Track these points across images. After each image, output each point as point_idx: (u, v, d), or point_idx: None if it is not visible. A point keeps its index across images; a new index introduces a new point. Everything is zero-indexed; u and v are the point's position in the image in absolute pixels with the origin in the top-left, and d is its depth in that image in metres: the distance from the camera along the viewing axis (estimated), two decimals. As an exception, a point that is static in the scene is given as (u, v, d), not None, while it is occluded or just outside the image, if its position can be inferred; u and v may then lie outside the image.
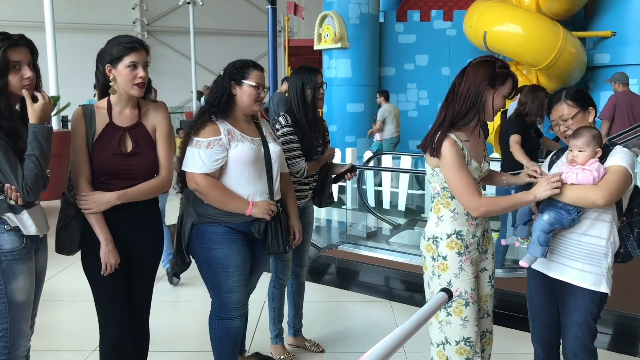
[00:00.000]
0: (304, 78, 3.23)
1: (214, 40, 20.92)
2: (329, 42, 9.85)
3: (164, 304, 4.36)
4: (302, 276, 3.58)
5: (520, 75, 9.17)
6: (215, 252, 2.71)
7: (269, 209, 2.71)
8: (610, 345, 3.77)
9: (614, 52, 8.85)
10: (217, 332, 2.85)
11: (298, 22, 20.51)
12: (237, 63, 2.73)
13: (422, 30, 10.40)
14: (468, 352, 2.40)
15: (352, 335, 3.87)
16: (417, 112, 10.51)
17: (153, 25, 21.77)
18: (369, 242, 5.52)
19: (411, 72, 10.54)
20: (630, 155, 2.36)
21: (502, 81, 2.30)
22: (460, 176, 2.28)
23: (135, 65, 2.38)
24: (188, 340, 3.80)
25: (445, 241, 2.39)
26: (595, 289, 2.37)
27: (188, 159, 2.64)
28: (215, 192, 2.64)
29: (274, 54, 8.58)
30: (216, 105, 2.68)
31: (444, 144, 2.28)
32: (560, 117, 2.46)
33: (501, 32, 8.69)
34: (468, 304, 2.39)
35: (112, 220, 2.44)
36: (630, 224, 2.44)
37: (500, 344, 3.64)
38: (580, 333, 2.43)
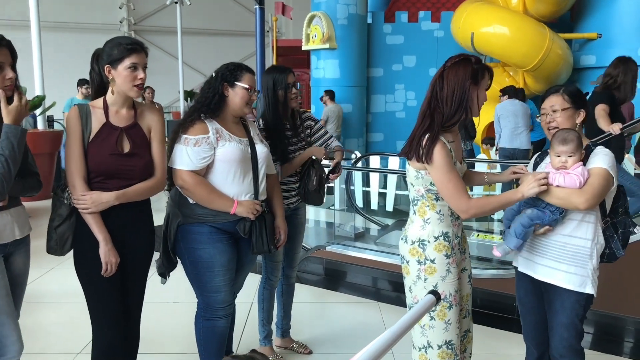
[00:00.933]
0: (275, 78, 3.20)
1: (201, 40, 20.84)
2: (317, 42, 9.85)
3: (150, 306, 4.29)
4: (292, 277, 3.57)
5: (507, 77, 9.24)
6: (201, 252, 2.72)
7: (253, 208, 2.72)
8: (593, 344, 3.80)
9: (600, 54, 8.92)
10: (203, 332, 2.85)
11: (286, 22, 20.51)
12: (230, 65, 2.77)
13: (410, 31, 10.43)
14: (450, 355, 2.40)
15: (340, 336, 3.86)
16: (404, 112, 10.53)
17: (140, 24, 21.65)
18: (357, 242, 5.52)
19: (399, 72, 10.56)
20: (611, 156, 2.38)
21: (482, 75, 2.33)
22: (450, 177, 2.28)
23: (135, 66, 2.40)
24: (175, 342, 3.77)
25: (433, 244, 2.37)
26: (581, 290, 2.39)
27: (175, 155, 2.66)
28: (200, 189, 2.66)
29: (261, 54, 8.54)
30: (207, 105, 2.71)
31: (436, 148, 2.27)
32: (551, 107, 2.48)
33: (488, 33, 8.74)
34: (452, 306, 2.39)
35: (107, 220, 2.43)
36: (615, 224, 2.45)
37: (490, 344, 3.67)
38: (566, 334, 2.45)
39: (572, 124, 2.47)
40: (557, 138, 2.38)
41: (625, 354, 3.69)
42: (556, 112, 2.46)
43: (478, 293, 4.31)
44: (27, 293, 2.55)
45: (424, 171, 2.34)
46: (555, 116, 2.46)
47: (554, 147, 2.39)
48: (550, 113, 2.48)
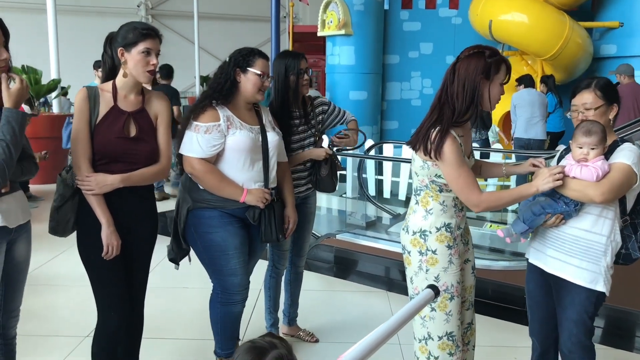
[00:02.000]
0: (288, 63, 3.14)
1: (218, 25, 20.77)
2: (333, 28, 9.76)
3: (160, 291, 4.34)
4: (300, 266, 3.55)
5: (526, 65, 9.10)
6: (213, 235, 2.74)
7: (262, 197, 2.73)
8: (603, 339, 3.75)
9: (621, 43, 8.74)
10: (220, 317, 2.88)
11: (303, 8, 20.35)
12: (243, 50, 2.76)
13: (427, 18, 10.29)
14: (450, 346, 2.39)
15: (347, 325, 3.85)
16: (420, 100, 10.43)
17: (157, 8, 21.62)
18: (368, 231, 5.50)
19: (415, 60, 10.45)
20: (638, 152, 2.30)
21: (496, 70, 2.26)
22: (460, 173, 2.24)
23: (149, 52, 2.41)
24: (183, 327, 3.79)
25: (434, 235, 2.35)
26: (592, 287, 2.33)
27: (186, 142, 2.68)
28: (210, 177, 2.67)
29: (276, 40, 8.46)
30: (219, 91, 2.71)
31: (446, 143, 2.22)
32: (584, 104, 2.38)
33: (507, 21, 8.60)
34: (453, 297, 2.37)
35: (110, 203, 2.43)
36: (635, 225, 2.38)
37: (496, 336, 3.63)
38: (575, 330, 2.41)
39: (606, 120, 2.38)
40: (581, 129, 2.31)
41: (636, 349, 3.64)
42: (589, 110, 2.36)
43: (488, 284, 4.28)
44: (37, 276, 2.57)
45: (430, 162, 2.31)
46: (587, 114, 2.36)
47: (577, 138, 2.31)
48: (582, 111, 2.38)
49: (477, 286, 2.60)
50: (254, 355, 1.26)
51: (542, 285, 2.55)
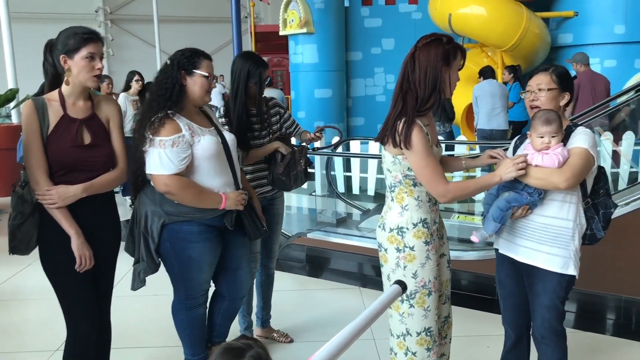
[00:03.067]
0: (251, 71, 3.08)
1: (179, 27, 20.57)
2: (295, 27, 9.74)
3: (130, 299, 4.26)
4: (271, 268, 3.54)
5: (486, 57, 9.23)
6: (191, 251, 2.65)
7: (241, 199, 2.69)
8: (576, 323, 3.83)
9: (577, 32, 8.94)
10: (187, 323, 2.85)
11: (264, 7, 20.30)
12: (186, 52, 2.63)
13: (387, 14, 10.35)
14: (428, 342, 2.40)
15: (321, 323, 3.85)
16: (385, 96, 10.49)
17: (116, 13, 21.33)
18: (339, 228, 5.50)
19: (378, 56, 10.50)
20: (592, 135, 2.36)
21: (454, 55, 2.29)
22: (428, 162, 2.25)
23: (92, 56, 2.35)
24: (153, 335, 3.74)
25: (412, 231, 2.35)
26: (563, 271, 2.38)
27: (152, 160, 2.50)
28: (188, 191, 2.55)
29: (238, 41, 8.43)
30: (168, 98, 2.55)
31: (413, 132, 2.23)
32: (538, 85, 2.42)
33: (466, 14, 8.71)
34: (431, 293, 2.38)
35: (74, 213, 2.39)
36: (596, 205, 2.43)
37: (470, 326, 3.67)
38: (547, 315, 2.45)
39: (556, 105, 2.43)
40: (539, 118, 2.34)
41: (607, 331, 3.73)
42: (542, 90, 2.41)
43: (460, 275, 4.33)
44: (2, 290, 2.50)
45: (401, 156, 2.31)
46: (540, 95, 2.41)
47: (536, 128, 2.34)
48: (535, 91, 2.43)
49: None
50: (231, 356, 1.25)
51: (513, 275, 2.59)
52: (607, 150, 6.73)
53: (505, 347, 2.76)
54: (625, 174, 6.53)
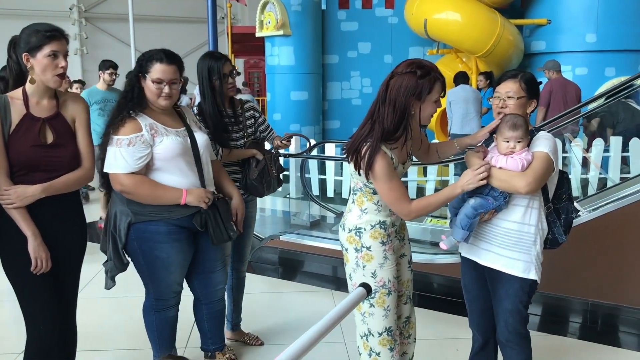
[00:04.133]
0: (210, 66, 3.06)
1: (154, 27, 20.34)
2: (271, 29, 9.72)
3: (98, 301, 4.22)
4: (242, 271, 3.52)
5: (460, 62, 9.32)
6: (158, 252, 2.63)
7: (204, 196, 2.64)
8: (541, 326, 3.88)
9: (550, 40, 9.07)
10: (157, 324, 2.83)
11: (242, 8, 20.22)
12: (145, 54, 2.61)
13: (364, 18, 10.39)
14: (390, 342, 2.43)
15: (292, 326, 3.84)
16: (360, 100, 10.52)
17: (91, 11, 21.02)
18: (313, 231, 5.49)
19: (354, 59, 10.52)
20: (553, 140, 2.40)
21: (429, 89, 2.26)
22: (391, 186, 2.29)
23: (56, 54, 2.30)
24: (122, 337, 3.70)
25: (368, 232, 2.39)
26: (525, 276, 2.41)
27: (110, 159, 2.52)
28: (143, 188, 2.54)
29: (214, 42, 8.39)
30: (130, 99, 2.57)
31: (376, 160, 2.25)
32: (506, 92, 2.44)
33: (441, 20, 8.78)
34: (390, 292, 2.42)
35: (35, 214, 2.33)
36: (558, 210, 2.47)
37: (440, 329, 3.70)
38: (511, 319, 2.48)
39: (524, 112, 2.46)
40: (506, 123, 2.36)
41: (571, 334, 3.78)
42: (510, 98, 2.43)
43: (431, 278, 4.35)
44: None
45: (362, 170, 2.32)
46: (508, 102, 2.44)
47: (503, 132, 2.36)
48: (504, 98, 2.45)
49: (420, 280, 2.64)
50: None
51: (477, 278, 2.62)
52: (577, 157, 6.85)
53: (473, 350, 2.79)
54: (595, 180, 6.65)
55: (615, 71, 8.54)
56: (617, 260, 3.74)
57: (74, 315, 2.65)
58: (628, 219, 3.69)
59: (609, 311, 3.82)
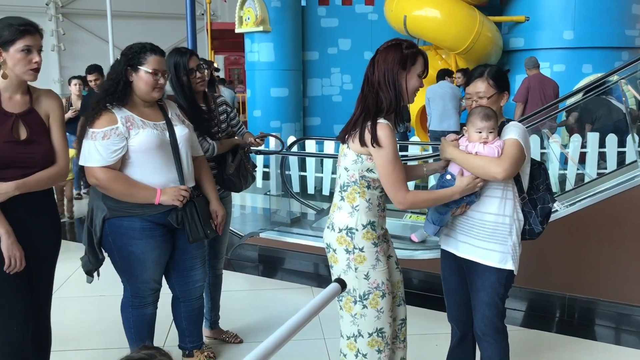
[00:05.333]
0: (176, 62, 3.04)
1: (133, 23, 20.13)
2: (251, 25, 9.67)
3: (75, 300, 4.17)
4: (219, 268, 3.49)
5: (440, 59, 9.34)
6: (132, 247, 2.61)
7: (179, 194, 2.60)
8: (522, 321, 3.91)
9: (528, 37, 9.14)
10: (134, 321, 2.80)
11: (221, 5, 20.11)
12: (133, 47, 2.59)
13: (344, 14, 10.38)
14: (379, 343, 2.38)
15: (272, 323, 3.81)
16: (341, 96, 10.51)
17: (68, 7, 20.72)
18: (293, 228, 5.47)
19: (334, 56, 10.51)
20: (523, 129, 2.42)
21: (413, 61, 2.29)
22: (395, 167, 2.24)
23: (29, 49, 2.25)
24: (98, 336, 3.64)
25: (361, 232, 2.33)
26: (501, 266, 2.42)
27: (84, 152, 2.51)
28: (117, 184, 2.52)
29: (193, 38, 8.29)
30: (112, 94, 2.54)
31: (384, 131, 2.21)
32: (477, 93, 2.45)
33: (420, 16, 8.80)
34: (385, 295, 2.37)
35: (8, 212, 2.28)
36: (534, 200, 2.49)
37: (419, 325, 3.70)
38: (488, 312, 2.48)
39: (498, 107, 2.47)
40: (477, 114, 2.37)
41: (549, 328, 3.81)
42: (482, 99, 2.44)
43: (411, 274, 4.36)
44: None
45: (365, 155, 2.29)
46: (481, 102, 2.44)
47: (475, 124, 2.37)
48: (476, 99, 2.46)
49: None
50: None
51: (456, 271, 2.62)
52: (556, 153, 6.91)
53: (452, 343, 2.80)
54: (572, 175, 6.72)
55: (592, 68, 8.65)
56: (594, 254, 3.78)
57: (48, 315, 2.60)
58: (604, 214, 3.73)
59: (586, 305, 3.86)
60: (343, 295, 2.40)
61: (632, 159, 4.80)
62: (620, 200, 3.67)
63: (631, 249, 3.67)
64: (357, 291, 2.35)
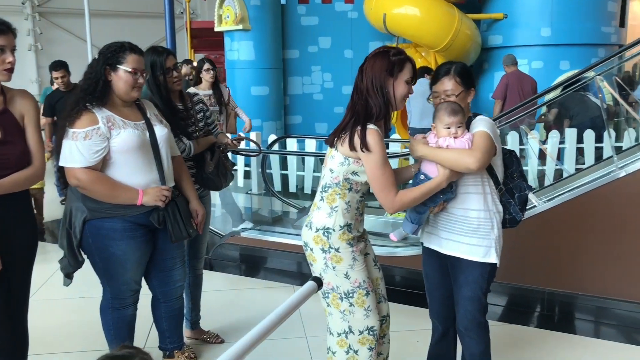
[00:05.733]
0: (153, 62, 3.02)
1: (111, 22, 19.90)
2: (230, 23, 9.61)
3: (54, 303, 4.12)
4: (199, 268, 3.47)
5: (419, 57, 9.37)
6: (113, 249, 2.58)
7: (161, 195, 2.59)
8: (502, 316, 3.94)
9: (506, 34, 9.21)
10: (114, 323, 2.77)
11: (201, 3, 19.98)
12: (112, 46, 2.56)
13: (324, 13, 10.36)
14: (371, 341, 2.41)
15: (253, 322, 3.72)
16: (322, 95, 10.49)
17: (45, 6, 20.45)
18: (275, 227, 5.46)
19: (315, 54, 10.49)
20: (491, 122, 2.45)
21: (400, 67, 2.32)
22: (384, 171, 2.26)
23: (2, 49, 2.23)
24: (77, 339, 3.60)
25: (337, 233, 2.35)
26: (485, 260, 2.45)
27: (65, 153, 2.47)
28: (99, 185, 2.49)
29: (172, 37, 8.27)
30: (91, 93, 2.51)
31: (373, 137, 2.23)
32: (445, 91, 2.46)
33: (400, 14, 8.82)
34: (368, 292, 2.39)
35: None
36: (511, 190, 2.52)
37: (401, 321, 3.71)
38: (470, 307, 2.51)
39: (465, 104, 2.50)
40: (445, 110, 2.38)
41: (528, 323, 3.85)
42: (450, 97, 2.45)
43: (393, 271, 4.38)
44: None
45: (352, 158, 2.30)
46: (449, 100, 2.45)
47: (443, 119, 2.38)
48: (444, 98, 2.47)
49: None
50: None
51: (439, 267, 2.64)
52: (534, 149, 6.98)
53: (433, 339, 2.81)
54: (551, 171, 6.79)
55: (570, 64, 8.73)
56: (572, 249, 3.83)
57: (24, 318, 2.57)
58: (582, 209, 3.78)
59: (564, 299, 3.91)
60: (329, 292, 2.42)
61: (609, 154, 4.87)
62: (598, 195, 3.72)
63: (609, 243, 3.73)
64: (340, 288, 2.38)
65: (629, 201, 3.66)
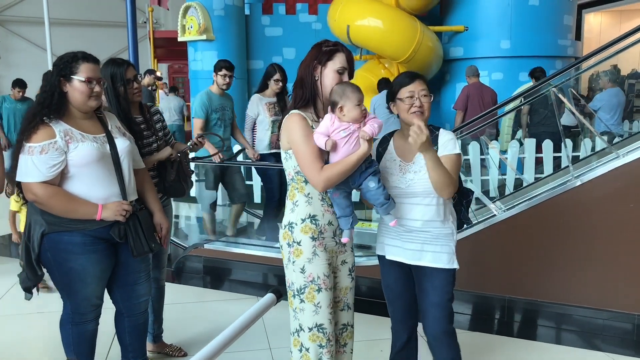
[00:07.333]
0: (113, 73, 3.00)
1: (72, 31, 19.58)
2: (194, 33, 9.56)
3: (12, 319, 4.00)
4: (161, 280, 3.42)
5: (383, 68, 9.47)
6: (72, 263, 2.52)
7: (120, 210, 2.54)
8: (464, 324, 3.98)
9: (467, 46, 9.39)
10: (73, 337, 2.71)
11: (164, 13, 19.81)
12: (65, 57, 2.51)
13: (288, 24, 10.40)
14: (321, 338, 2.41)
15: (216, 335, 3.73)
16: (286, 105, 10.53)
17: (3, 14, 20.04)
18: (239, 238, 5.43)
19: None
20: (454, 137, 2.52)
21: (329, 56, 2.38)
22: (306, 147, 2.30)
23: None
24: (37, 354, 3.52)
25: (299, 226, 2.39)
26: (450, 267, 2.52)
27: (22, 167, 2.42)
28: (56, 200, 2.44)
29: (134, 47, 8.18)
30: (47, 106, 2.46)
31: (291, 118, 2.34)
32: (421, 91, 2.45)
33: (363, 26, 8.90)
34: (321, 290, 2.39)
35: None
36: (460, 195, 2.63)
37: (365, 331, 3.71)
38: (438, 314, 2.54)
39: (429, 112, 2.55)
40: (346, 89, 2.29)
41: (493, 330, 3.90)
42: (426, 97, 2.46)
43: (359, 281, 4.38)
44: None
45: (291, 150, 2.36)
46: (424, 101, 2.46)
47: (351, 98, 2.27)
48: (420, 97, 2.45)
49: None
50: None
51: (401, 277, 2.67)
52: (494, 159, 7.12)
53: (395, 348, 2.82)
54: (511, 180, 6.93)
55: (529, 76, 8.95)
56: (532, 256, 3.90)
57: None
58: (541, 217, 3.86)
59: (525, 306, 3.98)
60: (288, 291, 2.46)
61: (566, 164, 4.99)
62: (555, 203, 3.81)
63: (568, 250, 3.81)
64: (294, 285, 2.42)
65: (584, 209, 3.76)
